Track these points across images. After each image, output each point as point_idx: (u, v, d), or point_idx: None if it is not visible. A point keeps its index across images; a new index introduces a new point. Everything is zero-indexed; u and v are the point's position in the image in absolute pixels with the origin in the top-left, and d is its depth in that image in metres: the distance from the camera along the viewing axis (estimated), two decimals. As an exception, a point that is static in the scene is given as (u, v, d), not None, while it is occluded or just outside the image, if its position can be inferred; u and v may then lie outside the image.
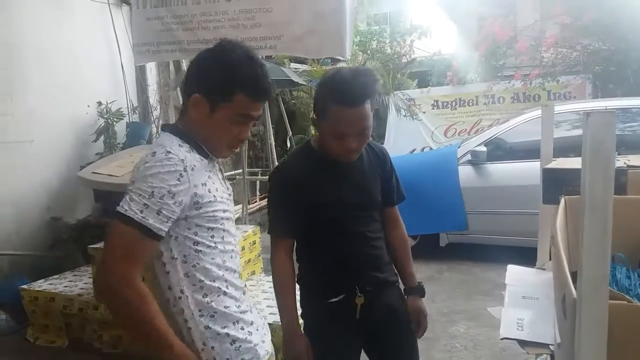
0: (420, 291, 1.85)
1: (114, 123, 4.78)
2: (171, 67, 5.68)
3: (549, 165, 1.85)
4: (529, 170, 4.77)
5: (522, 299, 1.75)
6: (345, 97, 1.57)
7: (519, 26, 7.57)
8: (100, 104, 4.78)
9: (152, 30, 4.23)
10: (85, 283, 3.52)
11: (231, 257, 1.42)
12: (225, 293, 1.38)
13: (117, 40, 4.95)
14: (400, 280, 1.88)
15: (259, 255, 3.63)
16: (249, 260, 3.52)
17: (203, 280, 1.34)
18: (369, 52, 8.35)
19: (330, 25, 3.52)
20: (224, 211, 1.40)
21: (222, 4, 3.94)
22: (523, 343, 1.47)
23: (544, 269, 2.07)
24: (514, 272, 2.04)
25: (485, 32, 7.94)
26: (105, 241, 1.30)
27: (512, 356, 3.55)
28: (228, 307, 1.37)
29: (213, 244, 1.36)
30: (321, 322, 1.75)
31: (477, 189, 5.20)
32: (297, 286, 1.79)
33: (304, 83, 6.25)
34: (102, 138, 4.74)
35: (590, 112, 0.86)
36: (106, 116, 4.74)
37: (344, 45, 3.54)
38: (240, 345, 1.36)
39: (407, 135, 7.86)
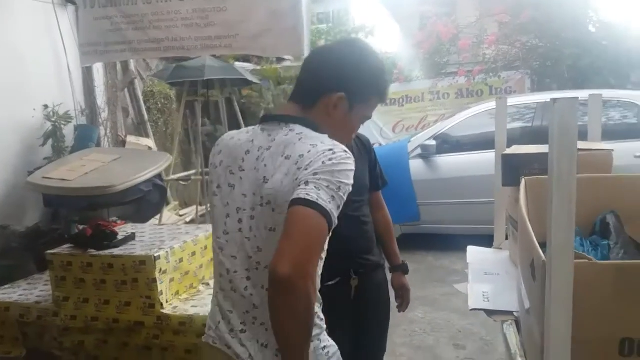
0: (404, 268, 2.00)
1: (62, 126, 4.64)
2: (118, 67, 5.56)
3: (507, 152, 1.99)
4: (476, 162, 5.02)
5: (485, 275, 1.87)
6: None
7: (461, 25, 7.90)
8: (46, 107, 4.62)
9: (100, 30, 4.16)
10: (41, 291, 3.41)
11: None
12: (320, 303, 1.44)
13: (63, 41, 4.80)
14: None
15: (187, 274, 3.27)
16: (201, 266, 3.37)
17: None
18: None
19: (287, 24, 3.58)
20: None
21: (175, 4, 3.92)
22: (490, 312, 1.58)
23: (501, 249, 2.21)
24: (474, 252, 2.18)
25: (429, 30, 8.22)
26: (291, 230, 1.17)
27: (468, 336, 3.73)
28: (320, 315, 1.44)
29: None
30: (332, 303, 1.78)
31: (428, 181, 5.41)
32: None
33: (258, 82, 6.27)
34: (49, 142, 4.59)
35: (556, 99, 0.97)
36: (53, 120, 4.59)
37: (301, 44, 3.61)
38: (329, 352, 1.38)
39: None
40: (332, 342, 1.40)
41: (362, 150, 1.94)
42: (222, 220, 1.41)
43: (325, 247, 1.36)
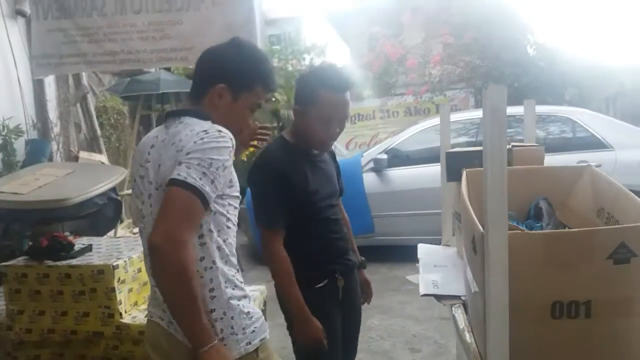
0: (364, 265, 2.13)
1: (12, 140, 4.55)
2: (70, 81, 5.50)
3: (450, 150, 2.17)
4: (425, 175, 5.24)
5: (434, 267, 2.02)
6: (335, 83, 1.80)
7: (408, 45, 8.27)
8: (-5, 120, 4.54)
9: (54, 42, 4.15)
10: (-7, 310, 3.31)
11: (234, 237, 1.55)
12: (238, 270, 1.52)
13: (13, 53, 4.73)
14: None
15: (145, 284, 3.14)
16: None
17: (228, 255, 1.47)
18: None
19: (241, 37, 3.69)
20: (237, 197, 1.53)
21: (130, 17, 3.98)
22: (439, 297, 1.72)
23: (449, 245, 2.37)
24: (424, 249, 2.33)
25: (378, 51, 8.54)
26: (163, 206, 1.34)
27: (422, 340, 3.87)
28: (241, 282, 1.51)
29: (234, 224, 1.50)
30: (315, 307, 1.82)
31: (381, 194, 5.58)
32: None
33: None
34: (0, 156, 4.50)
35: (488, 85, 1.13)
36: (4, 134, 4.50)
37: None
38: (252, 316, 1.49)
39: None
40: (257, 310, 1.54)
41: (330, 157, 2.06)
42: (139, 207, 1.56)
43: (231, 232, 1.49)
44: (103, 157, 5.78)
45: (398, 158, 5.73)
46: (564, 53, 7.46)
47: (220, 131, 1.42)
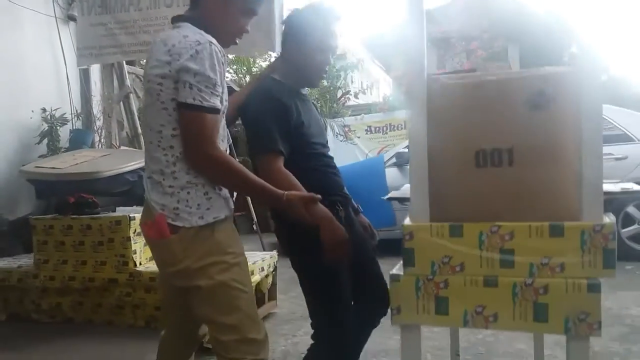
0: (359, 210, 2.19)
1: (58, 128, 4.96)
2: (115, 83, 5.94)
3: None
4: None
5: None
6: (327, 14, 1.94)
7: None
8: (44, 110, 4.97)
9: (96, 35, 4.56)
10: (24, 262, 3.61)
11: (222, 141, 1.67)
12: None
13: (63, 52, 5.21)
14: None
15: None
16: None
17: None
18: (307, 84, 8.97)
19: (261, 24, 3.96)
20: (226, 100, 1.68)
21: (163, 10, 4.33)
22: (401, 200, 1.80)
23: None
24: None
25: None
26: (185, 130, 1.53)
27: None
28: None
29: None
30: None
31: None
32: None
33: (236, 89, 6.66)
34: (45, 141, 4.90)
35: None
36: (50, 121, 4.92)
37: (272, 40, 3.98)
38: (211, 197, 1.59)
39: (344, 158, 8.31)
40: (221, 197, 1.64)
41: (310, 103, 2.12)
42: None
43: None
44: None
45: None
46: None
47: (212, 43, 1.53)
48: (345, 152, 8.31)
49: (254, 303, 1.67)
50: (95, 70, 5.74)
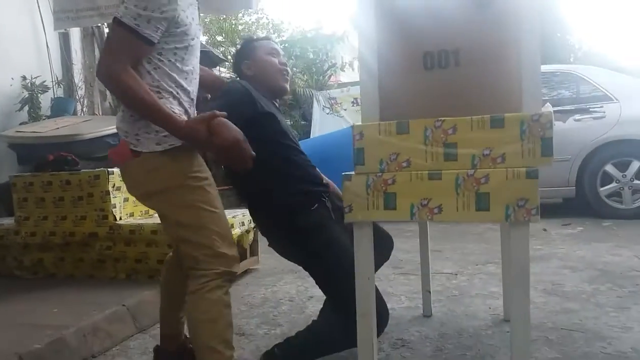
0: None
1: (38, 95, 4.94)
2: (97, 52, 5.91)
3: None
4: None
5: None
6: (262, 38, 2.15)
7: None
8: (24, 78, 4.94)
9: (72, -2, 4.52)
10: (7, 222, 3.62)
11: (186, 79, 1.71)
12: (180, 103, 1.69)
13: (42, 19, 5.17)
14: None
15: None
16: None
17: (172, 85, 1.66)
18: (292, 57, 8.93)
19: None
20: (193, 39, 1.70)
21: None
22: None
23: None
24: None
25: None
26: (106, 41, 1.60)
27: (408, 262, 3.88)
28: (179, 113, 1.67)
29: (174, 61, 1.66)
30: (319, 227, 1.88)
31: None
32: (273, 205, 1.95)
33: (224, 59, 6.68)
34: (26, 109, 4.88)
35: None
36: (30, 89, 4.90)
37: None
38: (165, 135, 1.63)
39: (331, 130, 8.35)
40: None
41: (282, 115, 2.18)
42: None
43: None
44: (126, 125, 6.10)
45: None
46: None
47: None
48: (332, 124, 8.33)
49: (224, 222, 1.72)
50: (76, 39, 5.70)
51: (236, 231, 3.34)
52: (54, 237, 3.28)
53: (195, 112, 1.81)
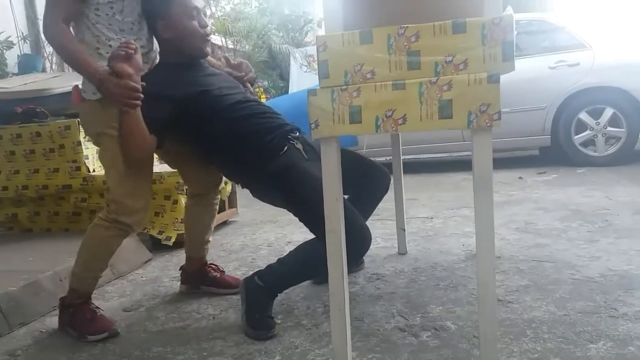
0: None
1: (4, 51, 4.79)
2: (64, 8, 5.70)
3: None
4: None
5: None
6: None
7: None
8: (-13, 34, 4.78)
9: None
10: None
11: (131, 29, 1.83)
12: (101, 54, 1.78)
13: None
14: None
15: None
16: None
17: (98, 37, 1.77)
18: (268, 13, 8.74)
19: None
20: None
21: None
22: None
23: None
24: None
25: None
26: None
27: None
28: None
29: (112, 14, 1.77)
30: (291, 167, 1.84)
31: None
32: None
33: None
34: (-9, 65, 4.74)
35: None
36: (-5, 45, 4.75)
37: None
38: None
39: (309, 87, 8.28)
40: None
41: (210, 69, 2.07)
42: None
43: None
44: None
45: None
46: None
47: None
48: (310, 81, 8.27)
49: (145, 175, 1.92)
50: (40, -7, 5.50)
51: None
52: (27, 190, 3.23)
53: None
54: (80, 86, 1.87)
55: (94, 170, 3.19)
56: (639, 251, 2.34)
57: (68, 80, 4.31)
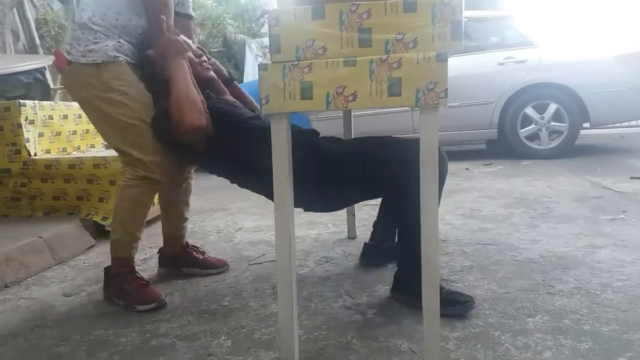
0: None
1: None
2: (5, -13, 5.44)
3: None
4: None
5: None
6: None
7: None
8: None
9: None
10: None
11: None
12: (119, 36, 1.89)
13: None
14: None
15: (58, 134, 3.69)
16: (75, 132, 3.53)
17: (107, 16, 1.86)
18: (224, 2, 8.60)
19: None
20: None
21: None
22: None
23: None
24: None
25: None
26: None
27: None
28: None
29: None
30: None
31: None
32: None
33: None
34: None
35: None
36: None
37: None
38: (98, 42, 1.84)
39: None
40: (109, 46, 1.84)
41: None
42: None
43: None
44: (42, 67, 5.73)
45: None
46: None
47: None
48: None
49: (141, 132, 1.84)
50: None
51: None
52: (-38, 174, 3.06)
53: None
54: (66, 49, 1.87)
55: (35, 154, 3.06)
56: (576, 234, 2.45)
57: (11, 62, 4.13)
